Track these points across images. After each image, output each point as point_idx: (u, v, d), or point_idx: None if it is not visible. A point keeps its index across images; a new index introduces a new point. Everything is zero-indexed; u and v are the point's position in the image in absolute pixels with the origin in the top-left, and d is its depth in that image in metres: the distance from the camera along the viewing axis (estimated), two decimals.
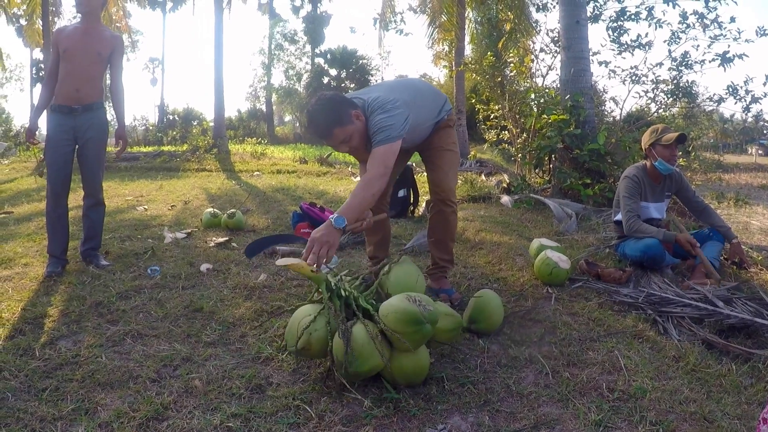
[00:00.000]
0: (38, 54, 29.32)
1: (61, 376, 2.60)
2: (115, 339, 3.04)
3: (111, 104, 4.57)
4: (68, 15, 30.96)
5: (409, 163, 4.78)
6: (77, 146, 4.35)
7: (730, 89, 7.90)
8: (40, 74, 28.82)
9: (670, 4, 8.17)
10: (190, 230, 5.85)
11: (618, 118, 8.87)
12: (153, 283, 3.98)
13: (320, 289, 2.62)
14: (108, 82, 4.61)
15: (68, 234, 4.42)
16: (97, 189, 4.48)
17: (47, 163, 4.32)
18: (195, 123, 28.34)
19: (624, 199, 4.55)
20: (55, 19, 21.08)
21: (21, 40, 26.61)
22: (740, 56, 7.71)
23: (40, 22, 20.97)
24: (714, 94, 8.32)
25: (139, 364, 2.73)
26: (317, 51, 38.38)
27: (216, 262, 4.59)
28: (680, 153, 4.87)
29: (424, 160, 3.75)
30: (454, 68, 17.29)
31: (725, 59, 7.73)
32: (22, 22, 24.94)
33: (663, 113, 8.72)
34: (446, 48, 20.13)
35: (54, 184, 4.29)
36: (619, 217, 4.71)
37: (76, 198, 4.39)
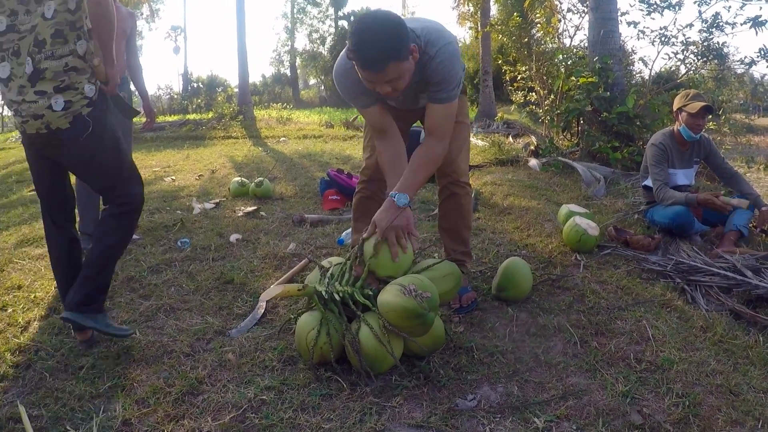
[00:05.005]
0: None
1: (96, 354, 2.65)
2: (148, 314, 3.11)
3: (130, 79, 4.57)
4: None
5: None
6: None
7: (762, 52, 7.67)
8: None
9: None
10: (218, 200, 5.90)
11: (647, 79, 8.70)
12: (183, 256, 4.04)
13: (314, 305, 2.55)
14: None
15: (99, 210, 4.46)
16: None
17: None
18: (219, 90, 28.13)
19: (651, 168, 4.50)
20: None
21: None
22: None
23: None
24: (745, 57, 8.13)
25: (172, 339, 2.79)
26: (341, 14, 38.06)
27: (245, 231, 4.64)
28: (710, 117, 4.76)
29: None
30: (479, 29, 17.00)
31: (757, 23, 7.50)
32: None
33: (693, 75, 8.51)
34: (471, 8, 19.76)
35: None
36: (647, 182, 4.67)
37: None
